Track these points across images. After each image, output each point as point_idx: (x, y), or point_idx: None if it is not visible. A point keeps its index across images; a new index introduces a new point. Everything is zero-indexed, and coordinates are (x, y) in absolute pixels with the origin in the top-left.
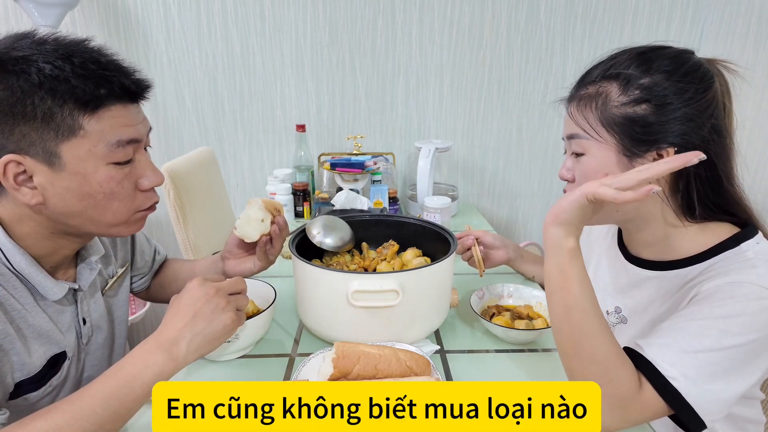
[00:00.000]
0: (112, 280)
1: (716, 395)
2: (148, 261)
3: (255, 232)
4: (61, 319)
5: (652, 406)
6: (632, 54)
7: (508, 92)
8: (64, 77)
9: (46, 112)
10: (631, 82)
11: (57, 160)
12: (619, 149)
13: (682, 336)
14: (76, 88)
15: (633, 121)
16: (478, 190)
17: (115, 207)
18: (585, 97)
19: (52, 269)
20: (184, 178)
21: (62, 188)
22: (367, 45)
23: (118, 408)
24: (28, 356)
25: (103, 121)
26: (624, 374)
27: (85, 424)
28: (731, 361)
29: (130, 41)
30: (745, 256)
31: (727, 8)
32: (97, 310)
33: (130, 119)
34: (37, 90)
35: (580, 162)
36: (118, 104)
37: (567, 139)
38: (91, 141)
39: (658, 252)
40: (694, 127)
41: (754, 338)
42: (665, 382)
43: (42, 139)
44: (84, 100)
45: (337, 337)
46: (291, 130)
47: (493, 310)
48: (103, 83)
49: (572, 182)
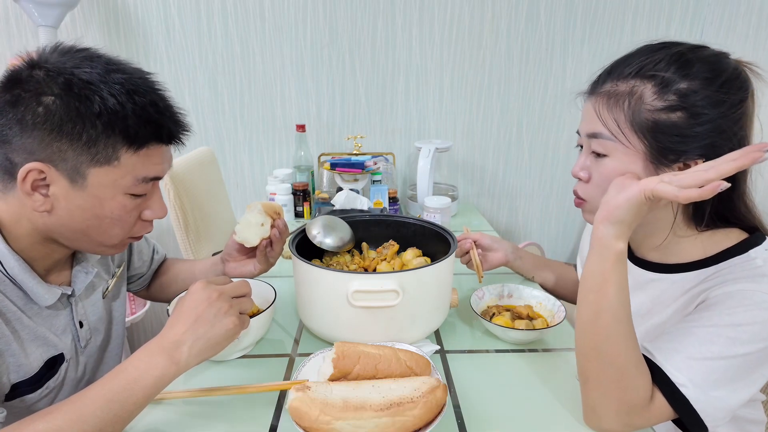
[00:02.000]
0: (111, 280)
1: (722, 402)
2: (146, 261)
3: (255, 236)
4: (55, 323)
5: (659, 412)
6: (671, 54)
7: (508, 92)
8: (123, 114)
9: (91, 137)
10: (669, 87)
11: (81, 180)
12: (647, 156)
13: (691, 342)
14: (128, 127)
15: (665, 129)
16: (478, 190)
17: (116, 232)
18: (615, 95)
19: (45, 272)
20: (184, 178)
21: (75, 205)
22: (367, 45)
23: (118, 411)
24: (25, 358)
25: (139, 158)
26: (640, 384)
27: (85, 426)
28: (738, 368)
29: (130, 41)
30: (754, 264)
31: (727, 8)
32: (96, 313)
33: (162, 158)
34: (94, 119)
35: (601, 164)
36: (157, 144)
37: (587, 136)
38: (121, 173)
39: (664, 255)
40: (724, 138)
41: (763, 347)
42: (675, 389)
43: (76, 159)
44: (131, 139)
45: (337, 337)
46: (291, 130)
47: (493, 310)
48: (155, 128)
49: (586, 182)
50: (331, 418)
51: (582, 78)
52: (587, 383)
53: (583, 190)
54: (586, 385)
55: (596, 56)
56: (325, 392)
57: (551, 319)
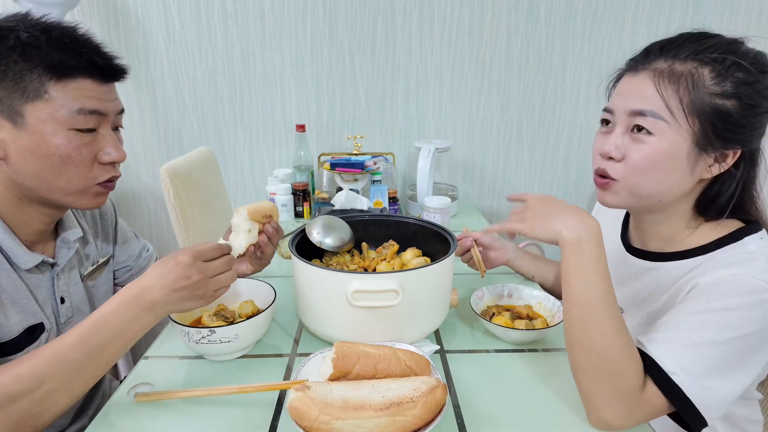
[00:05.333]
0: (91, 267)
1: (715, 391)
2: (133, 255)
3: (242, 244)
4: (36, 293)
5: (654, 403)
6: (726, 42)
7: (508, 92)
8: (37, 44)
9: (17, 73)
10: (728, 73)
11: (20, 119)
12: (695, 139)
13: (682, 329)
14: (47, 56)
15: (720, 115)
16: (478, 190)
17: (71, 173)
18: (674, 74)
19: (30, 244)
20: (184, 178)
21: (22, 146)
22: (367, 45)
23: (90, 351)
24: (5, 319)
25: (69, 90)
26: (629, 370)
27: (62, 364)
28: (729, 355)
29: (130, 41)
30: (746, 249)
31: (727, 8)
32: (78, 293)
33: (97, 93)
34: (11, 53)
35: (644, 142)
36: (87, 78)
37: (632, 113)
38: (54, 106)
39: (664, 244)
40: (760, 133)
41: (752, 331)
42: (667, 378)
43: (9, 98)
44: (52, 68)
45: (337, 337)
46: (291, 130)
47: (493, 310)
48: (73, 56)
49: (619, 162)
50: (331, 417)
51: (582, 78)
52: (577, 373)
53: (616, 170)
54: (576, 375)
55: (596, 56)
56: (324, 392)
57: (551, 319)
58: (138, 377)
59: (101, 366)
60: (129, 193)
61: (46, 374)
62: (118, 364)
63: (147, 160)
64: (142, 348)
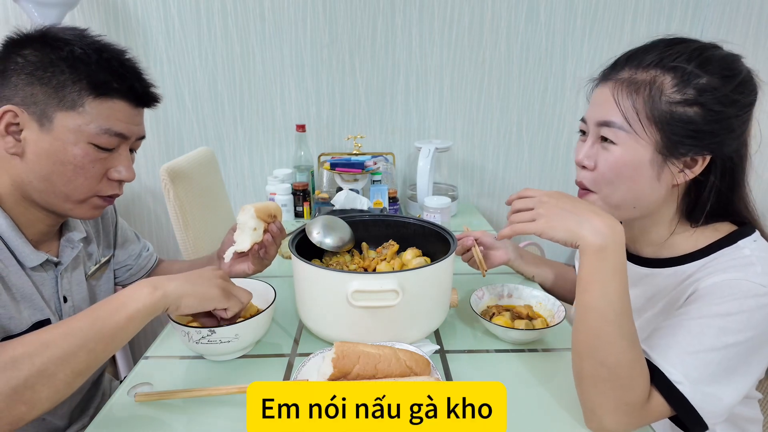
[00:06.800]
0: (94, 266)
1: (718, 398)
2: (133, 255)
3: (246, 241)
4: (42, 290)
5: (658, 411)
6: (691, 49)
7: (508, 92)
8: (88, 61)
9: (60, 82)
10: (689, 81)
11: (48, 123)
12: (657, 147)
13: (683, 335)
14: (93, 73)
15: (681, 122)
16: (478, 190)
17: (79, 182)
18: (634, 83)
19: (36, 243)
20: (184, 178)
21: (42, 149)
22: (367, 45)
23: (101, 328)
24: (16, 312)
25: (103, 109)
26: (637, 384)
27: (71, 338)
28: (730, 360)
29: (130, 41)
30: (742, 254)
31: (727, 8)
32: (80, 292)
33: (127, 116)
34: (61, 63)
35: (609, 151)
36: (122, 100)
37: (598, 124)
38: (85, 119)
39: (657, 250)
40: (732, 138)
41: (752, 336)
42: (671, 386)
43: (45, 102)
44: (95, 85)
45: (337, 337)
46: (291, 130)
47: (493, 310)
48: (117, 79)
49: (591, 171)
50: None
51: (582, 78)
52: (582, 382)
53: (589, 180)
54: (581, 384)
55: (596, 56)
56: None
57: (551, 319)
58: (138, 377)
59: (104, 340)
60: (129, 193)
61: (50, 339)
62: (118, 364)
63: (147, 160)
64: (142, 348)
